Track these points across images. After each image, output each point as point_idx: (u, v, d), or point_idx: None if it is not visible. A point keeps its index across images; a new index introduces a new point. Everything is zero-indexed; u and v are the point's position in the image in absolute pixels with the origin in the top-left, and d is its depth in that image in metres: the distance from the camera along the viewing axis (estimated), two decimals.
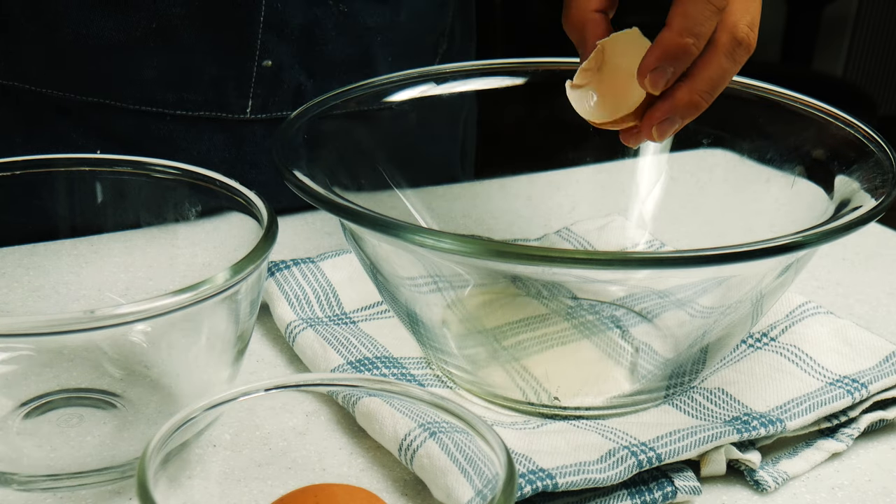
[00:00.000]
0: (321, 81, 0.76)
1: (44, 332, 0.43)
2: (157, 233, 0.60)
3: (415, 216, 0.63)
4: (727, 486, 0.50)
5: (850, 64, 3.17)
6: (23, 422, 0.51)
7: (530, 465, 0.46)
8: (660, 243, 0.67)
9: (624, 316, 0.60)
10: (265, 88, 0.74)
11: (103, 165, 0.58)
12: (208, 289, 0.45)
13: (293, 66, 0.74)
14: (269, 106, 0.75)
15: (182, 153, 0.74)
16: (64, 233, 0.62)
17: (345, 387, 0.45)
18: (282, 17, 0.72)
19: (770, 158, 0.62)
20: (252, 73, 0.73)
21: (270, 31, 0.72)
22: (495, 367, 0.56)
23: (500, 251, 0.44)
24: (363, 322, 0.60)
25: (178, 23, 0.71)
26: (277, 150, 0.53)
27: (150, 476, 0.37)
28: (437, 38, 0.82)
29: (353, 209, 0.47)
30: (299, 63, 0.74)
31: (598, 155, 0.68)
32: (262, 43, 0.72)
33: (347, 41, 0.75)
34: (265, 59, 0.73)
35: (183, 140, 0.74)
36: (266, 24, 0.72)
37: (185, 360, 0.51)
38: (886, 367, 0.55)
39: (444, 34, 0.83)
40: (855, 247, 0.74)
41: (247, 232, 0.52)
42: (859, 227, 0.47)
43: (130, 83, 0.72)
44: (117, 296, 0.60)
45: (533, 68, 0.67)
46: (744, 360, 0.57)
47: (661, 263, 0.45)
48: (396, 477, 0.49)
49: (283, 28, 0.73)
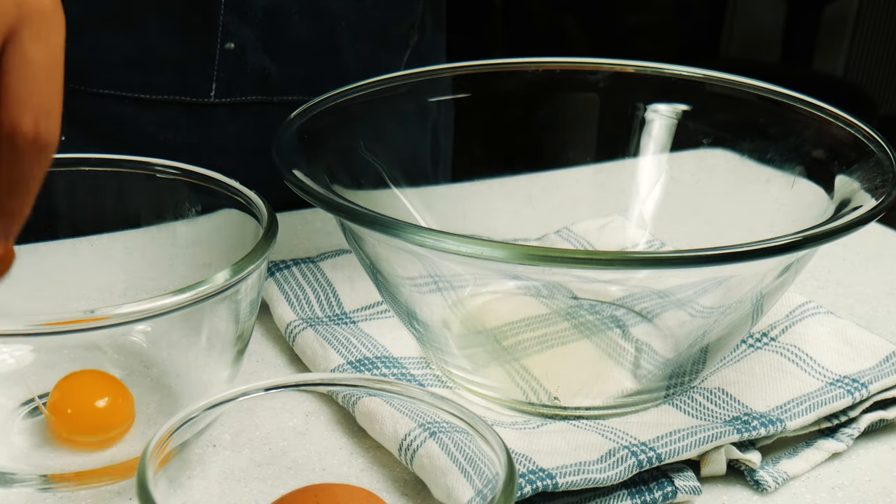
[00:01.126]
0: (285, 66, 0.75)
1: (44, 332, 0.43)
2: (157, 232, 0.60)
3: (415, 216, 0.63)
4: (727, 486, 0.50)
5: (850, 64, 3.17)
6: (23, 422, 0.51)
7: (530, 465, 0.46)
8: (660, 243, 0.67)
9: (624, 316, 0.60)
10: (228, 71, 0.74)
11: (103, 165, 0.58)
12: (208, 289, 0.45)
13: (256, 50, 0.74)
14: (233, 90, 0.75)
15: (147, 138, 0.74)
16: (64, 233, 0.62)
17: (345, 387, 0.45)
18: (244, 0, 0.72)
19: (770, 158, 0.62)
20: (215, 55, 0.73)
21: (233, 13, 0.72)
22: (495, 367, 0.56)
23: (500, 251, 0.44)
24: (363, 322, 0.60)
25: (139, 5, 0.70)
26: (277, 149, 0.53)
27: (150, 476, 0.37)
28: (408, 30, 0.81)
29: (353, 209, 0.47)
30: (263, 47, 0.74)
31: (598, 155, 0.68)
32: (224, 25, 0.72)
33: (312, 26, 0.75)
34: (228, 42, 0.72)
35: (148, 125, 0.74)
36: (228, 6, 0.72)
37: (185, 360, 0.51)
38: (886, 367, 0.55)
39: (414, 26, 0.82)
40: (855, 247, 0.74)
41: (247, 231, 0.52)
42: (859, 227, 0.47)
43: (94, 67, 0.72)
44: (117, 296, 0.60)
45: (533, 68, 0.67)
46: (744, 360, 0.57)
47: (661, 263, 0.45)
48: (396, 477, 0.49)
49: (246, 10, 0.72)
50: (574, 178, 0.70)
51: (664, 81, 0.65)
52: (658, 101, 0.66)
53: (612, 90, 0.67)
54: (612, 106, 0.68)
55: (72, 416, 0.49)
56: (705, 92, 0.64)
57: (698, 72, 0.64)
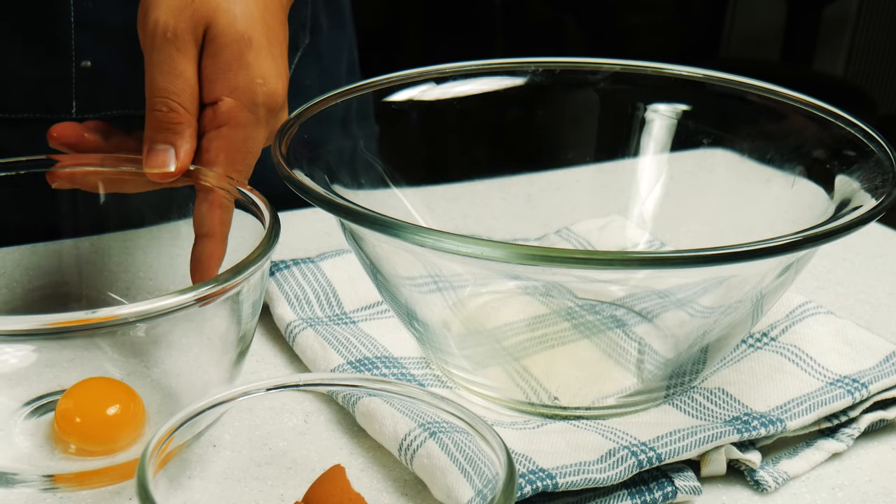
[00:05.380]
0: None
1: (45, 332, 0.43)
2: (157, 232, 0.60)
3: (415, 216, 0.63)
4: (727, 486, 0.50)
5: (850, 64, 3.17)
6: (23, 422, 0.51)
7: (530, 465, 0.46)
8: (660, 243, 0.67)
9: (624, 316, 0.60)
10: (88, 89, 0.72)
11: (104, 165, 0.58)
12: (210, 289, 0.45)
13: (115, 66, 0.72)
14: (96, 105, 0.73)
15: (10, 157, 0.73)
16: (64, 233, 0.62)
17: (345, 387, 0.45)
18: (96, 17, 0.70)
19: (770, 158, 0.62)
20: (71, 74, 0.71)
21: (85, 32, 0.70)
22: (495, 367, 0.56)
23: (500, 251, 0.44)
24: (363, 322, 0.60)
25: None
26: (277, 149, 0.53)
27: (150, 476, 0.37)
28: (296, 32, 0.79)
29: (353, 209, 0.47)
30: (120, 63, 0.71)
31: (598, 155, 0.68)
32: (76, 45, 0.70)
33: None
34: (83, 61, 0.71)
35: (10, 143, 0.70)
36: (78, 26, 0.70)
37: (186, 360, 0.51)
38: (886, 367, 0.55)
39: (304, 27, 0.80)
40: (855, 247, 0.74)
41: (249, 232, 0.52)
42: (859, 227, 0.47)
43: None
44: (117, 296, 0.60)
45: (533, 68, 0.67)
46: (744, 360, 0.57)
47: (661, 263, 0.45)
48: (396, 477, 0.49)
49: (99, 29, 0.71)
50: (574, 178, 0.70)
51: (664, 81, 0.65)
52: (658, 101, 0.66)
53: (612, 90, 0.67)
54: (612, 106, 0.68)
55: (81, 425, 0.49)
56: (705, 92, 0.64)
57: (698, 72, 0.64)
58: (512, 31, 2.48)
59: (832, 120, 0.58)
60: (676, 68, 0.65)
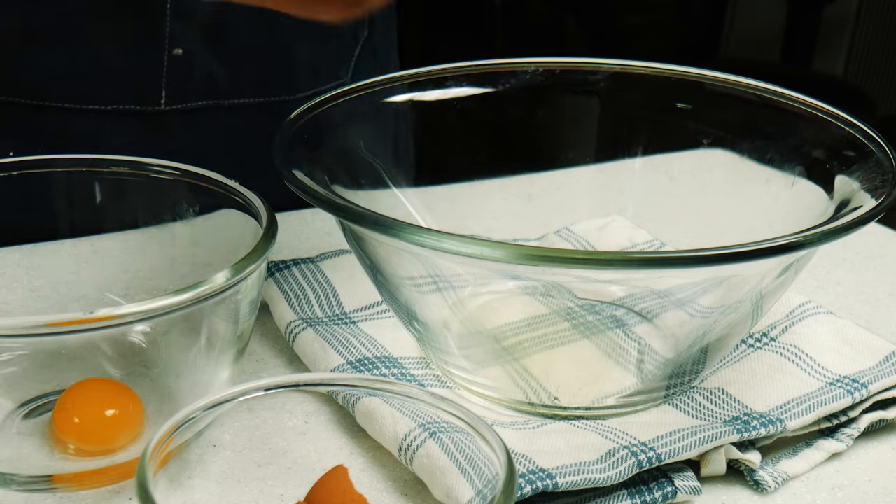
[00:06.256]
0: (233, 69, 0.75)
1: (44, 333, 0.43)
2: (156, 233, 0.60)
3: (415, 216, 0.63)
4: (727, 486, 0.50)
5: (850, 64, 3.17)
6: (23, 422, 0.51)
7: (530, 465, 0.46)
8: (660, 243, 0.67)
9: (624, 316, 0.60)
10: (177, 78, 0.73)
11: (103, 166, 0.58)
12: (208, 289, 0.45)
13: (204, 55, 0.73)
14: (183, 96, 0.74)
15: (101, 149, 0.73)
16: (64, 233, 0.62)
17: (345, 387, 0.45)
18: (189, 4, 0.72)
19: (770, 158, 0.62)
20: (163, 62, 0.72)
21: (178, 20, 0.72)
22: (495, 367, 0.56)
23: (500, 251, 0.44)
24: (363, 322, 0.60)
25: (81, 14, 0.70)
26: (277, 149, 0.53)
27: (150, 476, 0.37)
28: (356, 26, 0.81)
29: (353, 209, 0.47)
30: (210, 51, 0.73)
31: (598, 155, 0.68)
32: (170, 32, 0.72)
33: (257, 27, 0.75)
34: (175, 48, 0.72)
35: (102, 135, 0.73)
36: (173, 13, 0.71)
37: (185, 360, 0.51)
38: (886, 367, 0.55)
39: (363, 22, 0.82)
40: (855, 247, 0.74)
41: (246, 231, 0.52)
42: (859, 227, 0.47)
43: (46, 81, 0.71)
44: (117, 296, 0.60)
45: (533, 68, 0.67)
46: (744, 360, 0.57)
47: (661, 263, 0.45)
48: (396, 477, 0.49)
49: (191, 15, 0.72)
50: (574, 178, 0.70)
51: (664, 81, 0.65)
52: (658, 101, 0.66)
53: (612, 90, 0.67)
54: (613, 106, 0.68)
55: (79, 426, 0.49)
56: (705, 92, 0.64)
57: (698, 72, 0.64)
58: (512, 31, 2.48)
59: (832, 120, 0.58)
60: (676, 68, 0.65)
